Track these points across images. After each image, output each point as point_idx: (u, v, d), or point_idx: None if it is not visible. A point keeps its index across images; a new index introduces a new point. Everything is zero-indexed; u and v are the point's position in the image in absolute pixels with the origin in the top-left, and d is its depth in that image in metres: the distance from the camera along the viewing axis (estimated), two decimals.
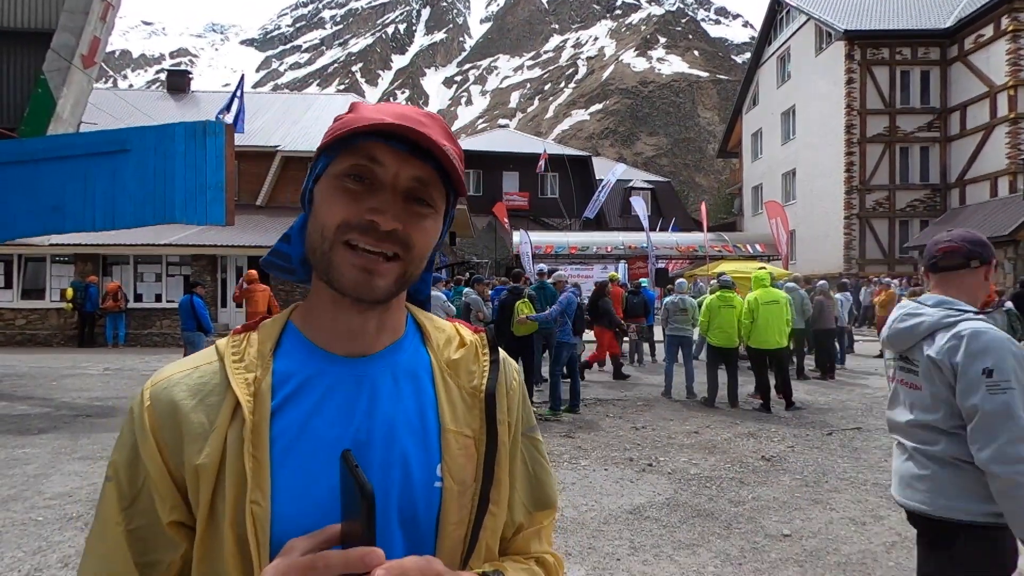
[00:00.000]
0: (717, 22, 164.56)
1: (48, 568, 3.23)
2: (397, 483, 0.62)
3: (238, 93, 12.49)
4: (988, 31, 19.75)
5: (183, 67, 28.33)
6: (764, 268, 10.27)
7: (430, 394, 0.68)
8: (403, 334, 0.71)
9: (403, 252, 0.62)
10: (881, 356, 11.66)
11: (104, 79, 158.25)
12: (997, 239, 16.29)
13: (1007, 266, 16.09)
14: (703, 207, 18.46)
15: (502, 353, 0.75)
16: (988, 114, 19.70)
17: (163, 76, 24.79)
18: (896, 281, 12.75)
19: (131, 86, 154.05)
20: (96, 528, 0.62)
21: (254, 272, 10.14)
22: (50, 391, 8.45)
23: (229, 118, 12.89)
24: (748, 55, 32.73)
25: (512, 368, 0.77)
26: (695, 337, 8.87)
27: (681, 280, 8.74)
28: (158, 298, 15.40)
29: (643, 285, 10.97)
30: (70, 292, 13.76)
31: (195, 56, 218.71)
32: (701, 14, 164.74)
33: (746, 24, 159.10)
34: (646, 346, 11.95)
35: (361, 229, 0.60)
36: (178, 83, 23.81)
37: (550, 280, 7.70)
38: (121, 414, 7.03)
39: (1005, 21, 18.97)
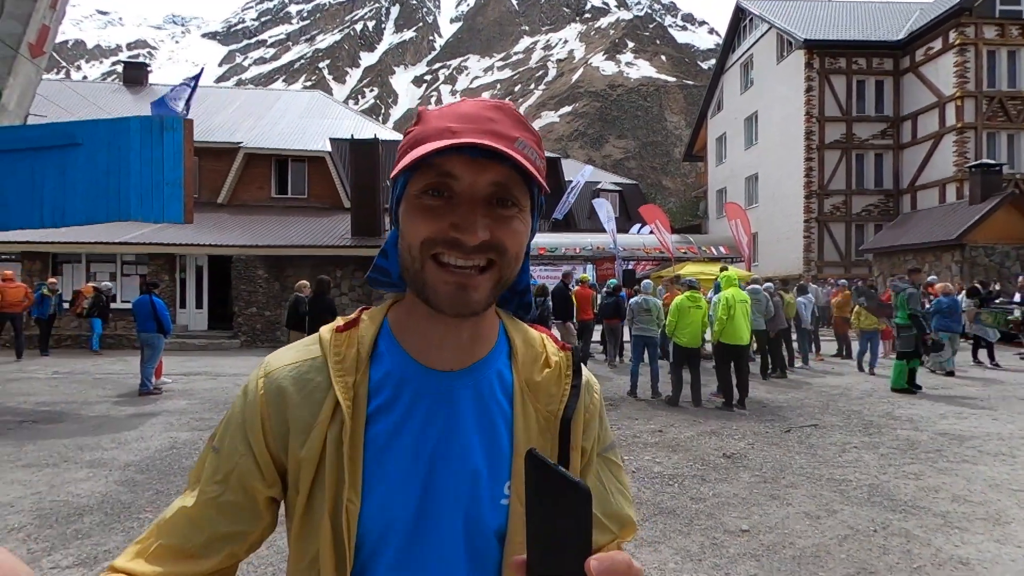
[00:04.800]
0: (684, 28, 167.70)
1: None
2: (464, 497, 0.65)
3: (191, 84, 12.15)
4: (937, 44, 20.69)
5: (141, 59, 27.36)
6: (727, 268, 10.49)
7: (507, 414, 0.69)
8: (493, 347, 0.72)
9: (497, 257, 0.62)
10: (839, 355, 11.95)
11: (56, 70, 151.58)
12: (945, 243, 17.07)
13: (954, 268, 16.85)
14: (651, 210, 18.60)
15: (585, 375, 0.75)
16: (937, 123, 20.64)
17: (119, 68, 23.90)
18: (844, 282, 13.22)
19: (85, 78, 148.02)
20: (189, 491, 0.68)
21: (10, 272, 11.99)
22: None
23: (178, 105, 12.44)
24: (713, 61, 33.49)
25: (592, 387, 0.77)
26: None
27: (647, 281, 8.85)
28: (112, 298, 14.81)
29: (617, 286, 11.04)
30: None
31: (154, 48, 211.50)
32: (668, 20, 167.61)
33: (712, 31, 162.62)
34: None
35: (447, 244, 0.60)
36: (135, 76, 23.00)
37: None
38: (70, 420, 6.74)
39: (953, 35, 19.90)
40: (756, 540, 3.61)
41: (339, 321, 0.72)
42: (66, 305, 13.06)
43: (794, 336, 11.37)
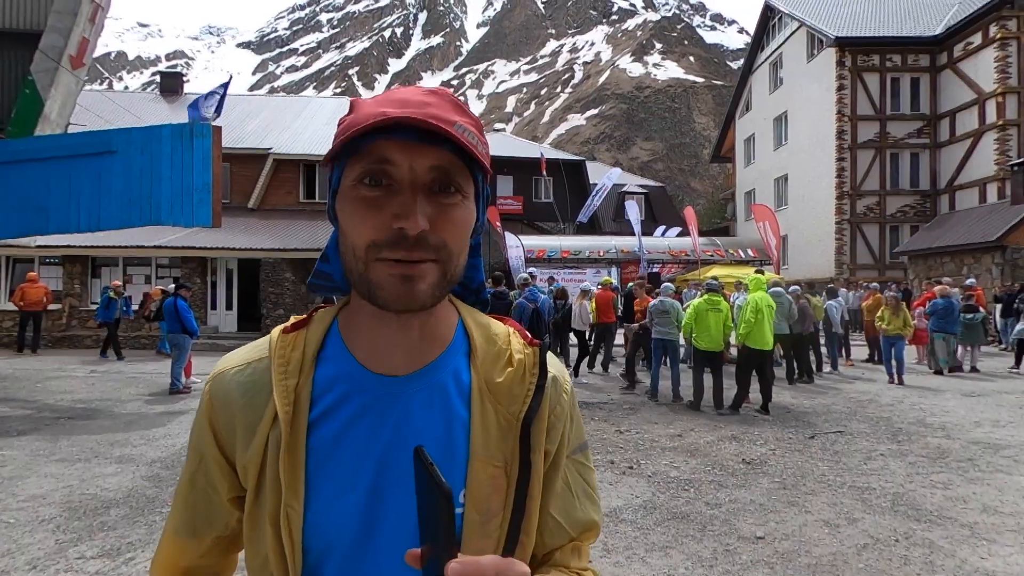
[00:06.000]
0: (713, 28, 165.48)
1: (16, 571, 3.20)
2: (414, 506, 0.63)
3: (221, 91, 12.64)
4: (977, 39, 19.96)
5: (179, 69, 28.23)
6: (762, 272, 10.27)
7: (464, 418, 0.65)
8: (448, 346, 0.68)
9: (437, 253, 0.59)
10: (870, 360, 11.55)
11: (99, 80, 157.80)
12: (985, 244, 16.43)
13: (995, 271, 16.20)
14: (689, 212, 18.47)
15: (551, 373, 0.71)
16: (977, 121, 19.88)
17: (159, 78, 24.71)
18: (877, 286, 12.84)
19: (127, 88, 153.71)
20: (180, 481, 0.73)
21: (34, 274, 13.13)
22: (33, 393, 8.39)
23: (209, 111, 12.93)
24: (743, 61, 32.95)
25: (561, 386, 0.72)
26: (681, 341, 8.86)
27: (667, 284, 8.75)
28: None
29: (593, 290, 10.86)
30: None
31: (191, 58, 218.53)
32: (697, 20, 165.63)
33: (741, 30, 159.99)
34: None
35: (391, 244, 0.57)
36: (171, 85, 23.78)
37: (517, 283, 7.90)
38: (103, 417, 6.99)
39: (993, 29, 19.17)
40: (771, 547, 3.53)
41: (289, 322, 0.70)
42: (136, 308, 13.13)
43: (823, 340, 11.09)
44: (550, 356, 0.73)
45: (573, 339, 10.52)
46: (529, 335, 0.74)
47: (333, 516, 0.61)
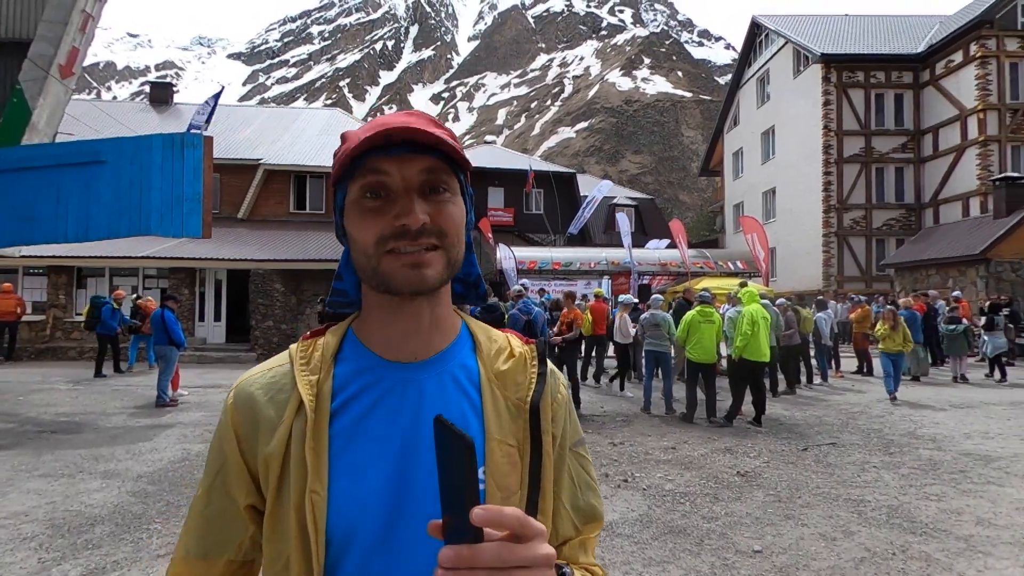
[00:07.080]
0: (700, 44, 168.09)
1: None
2: (436, 485, 0.66)
3: (211, 103, 12.63)
4: (958, 57, 20.44)
5: (169, 80, 28.12)
6: (747, 284, 10.36)
7: (476, 403, 0.70)
8: (455, 339, 0.74)
9: (440, 240, 0.66)
10: (859, 372, 11.64)
11: (88, 90, 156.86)
12: (970, 257, 16.68)
13: (979, 284, 16.44)
14: (677, 225, 18.59)
15: (550, 365, 0.77)
16: (959, 136, 20.30)
17: (148, 88, 24.55)
18: (863, 298, 12.97)
19: (115, 98, 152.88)
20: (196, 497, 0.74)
21: (8, 285, 13.28)
22: (16, 406, 8.21)
23: (201, 119, 12.96)
24: (730, 76, 33.45)
25: (559, 380, 0.79)
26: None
27: (656, 296, 8.76)
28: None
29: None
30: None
31: (181, 69, 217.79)
32: (685, 36, 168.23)
33: (728, 46, 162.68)
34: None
35: (396, 236, 0.64)
36: (161, 96, 23.66)
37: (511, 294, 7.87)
38: (88, 430, 6.85)
39: (974, 48, 19.65)
40: (768, 561, 3.51)
41: (306, 333, 0.76)
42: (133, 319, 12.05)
43: (812, 352, 11.16)
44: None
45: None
46: (524, 336, 0.82)
47: (356, 499, 0.64)
